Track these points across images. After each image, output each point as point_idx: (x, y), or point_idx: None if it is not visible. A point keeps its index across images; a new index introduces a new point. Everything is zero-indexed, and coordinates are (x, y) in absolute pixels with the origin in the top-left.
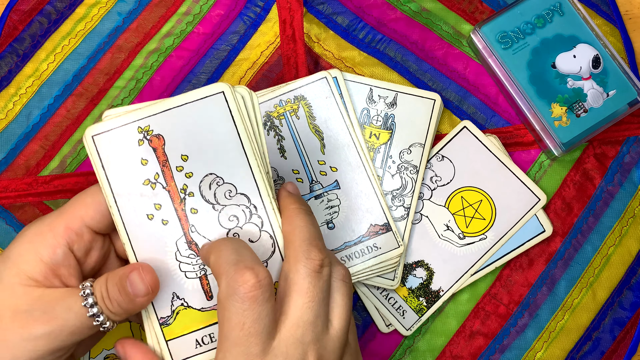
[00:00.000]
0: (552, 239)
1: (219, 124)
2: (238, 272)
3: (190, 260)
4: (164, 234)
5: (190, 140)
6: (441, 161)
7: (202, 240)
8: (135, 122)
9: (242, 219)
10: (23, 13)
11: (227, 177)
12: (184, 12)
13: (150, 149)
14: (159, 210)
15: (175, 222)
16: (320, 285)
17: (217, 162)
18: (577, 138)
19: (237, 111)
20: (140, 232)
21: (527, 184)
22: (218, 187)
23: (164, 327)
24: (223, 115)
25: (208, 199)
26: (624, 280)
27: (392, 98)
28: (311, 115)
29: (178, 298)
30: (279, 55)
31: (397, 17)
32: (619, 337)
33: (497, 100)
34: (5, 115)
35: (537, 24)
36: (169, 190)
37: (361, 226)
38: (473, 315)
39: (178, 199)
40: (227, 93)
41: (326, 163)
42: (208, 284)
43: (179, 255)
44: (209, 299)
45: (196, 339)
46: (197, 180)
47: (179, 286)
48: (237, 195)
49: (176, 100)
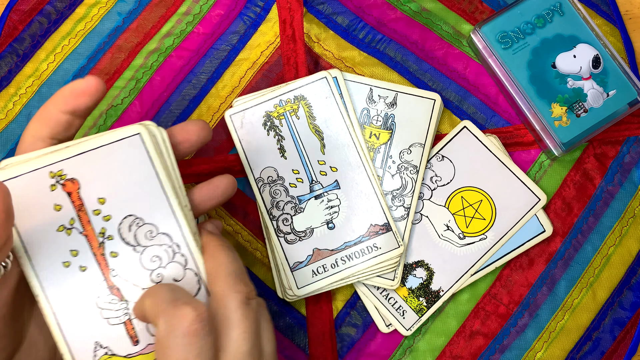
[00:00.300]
0: (552, 239)
1: (137, 165)
2: (177, 308)
3: (112, 306)
4: (82, 281)
5: (107, 183)
6: (441, 161)
7: (124, 284)
8: (46, 166)
9: (165, 258)
10: (23, 13)
11: (147, 218)
12: (184, 12)
13: (64, 193)
14: (76, 257)
15: (95, 268)
16: (252, 316)
17: (136, 203)
18: (577, 138)
19: (154, 151)
20: (56, 281)
21: (527, 184)
22: (138, 228)
23: None
24: (140, 157)
25: (128, 241)
26: (624, 280)
27: (392, 98)
28: (311, 115)
29: (101, 347)
30: (279, 55)
31: (397, 17)
32: (619, 337)
33: (497, 100)
34: (5, 115)
35: (537, 24)
36: (86, 235)
37: (361, 226)
38: (473, 315)
39: (96, 243)
40: (144, 135)
41: (326, 163)
42: (133, 328)
43: (100, 302)
44: (134, 344)
45: None
46: (116, 223)
47: (102, 334)
48: (158, 235)
49: (91, 143)
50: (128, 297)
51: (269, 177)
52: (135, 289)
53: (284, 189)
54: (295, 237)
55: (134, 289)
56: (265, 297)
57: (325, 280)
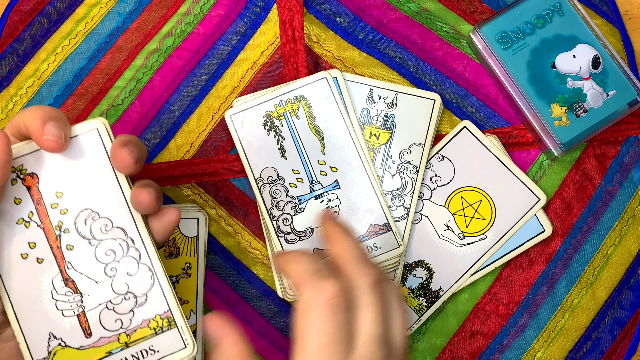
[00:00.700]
0: (551, 239)
1: (94, 160)
2: (321, 280)
3: (67, 298)
4: (39, 272)
5: (64, 177)
6: (441, 161)
7: (78, 277)
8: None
9: (119, 252)
10: (23, 13)
11: (102, 212)
12: (184, 13)
13: (23, 187)
14: (34, 249)
15: (51, 260)
16: (383, 300)
17: (92, 197)
18: (577, 138)
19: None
20: (15, 272)
21: (527, 184)
22: (94, 222)
23: None
24: (97, 152)
25: (84, 234)
26: (624, 280)
27: (392, 98)
28: (311, 115)
29: (55, 338)
30: (279, 55)
31: (397, 17)
32: (618, 337)
33: (497, 100)
34: (6, 116)
35: (536, 24)
36: (44, 228)
37: (361, 226)
38: (473, 315)
39: (53, 236)
40: (101, 129)
41: (326, 163)
42: (86, 321)
43: (55, 293)
44: (87, 336)
45: None
46: (73, 217)
47: (56, 325)
48: (113, 229)
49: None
50: (83, 290)
51: (269, 177)
52: (90, 282)
53: (284, 189)
54: (296, 237)
55: (88, 282)
56: (266, 297)
57: None
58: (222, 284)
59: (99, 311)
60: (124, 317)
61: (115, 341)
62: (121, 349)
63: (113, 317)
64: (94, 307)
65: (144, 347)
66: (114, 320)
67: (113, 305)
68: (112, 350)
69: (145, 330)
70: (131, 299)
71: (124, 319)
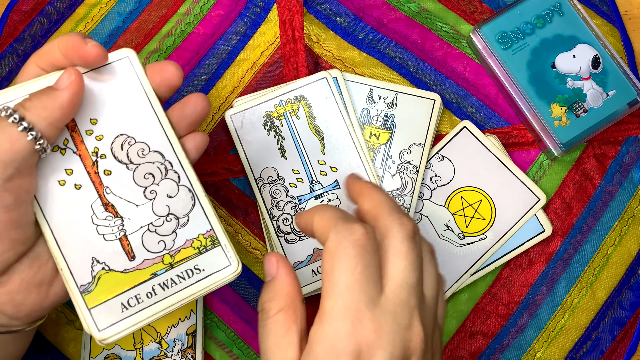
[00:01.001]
0: (551, 239)
1: (127, 87)
2: (347, 223)
3: (107, 223)
4: (77, 198)
5: (98, 104)
6: (441, 161)
7: (118, 201)
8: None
9: (158, 175)
10: (23, 13)
11: (138, 137)
12: (184, 13)
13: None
14: (71, 176)
15: (89, 186)
16: (417, 251)
17: (127, 123)
18: (577, 138)
19: (143, 74)
20: (53, 199)
21: (526, 184)
22: (130, 146)
23: (85, 295)
24: (130, 79)
25: (121, 159)
26: (624, 280)
27: (392, 98)
28: (311, 115)
29: (98, 262)
30: (279, 55)
31: (397, 17)
32: (618, 337)
33: (497, 100)
34: None
35: (536, 24)
36: (80, 155)
37: None
38: (473, 315)
39: (90, 162)
40: (132, 57)
41: (326, 163)
42: (129, 244)
43: (95, 218)
44: (131, 259)
45: (122, 303)
46: (109, 142)
47: (98, 250)
48: (150, 153)
49: (82, 67)
50: (123, 214)
51: (269, 177)
52: (130, 206)
53: (284, 189)
54: (296, 237)
55: (128, 206)
56: None
57: None
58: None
59: (141, 234)
60: (166, 238)
61: (160, 262)
62: (166, 269)
63: (156, 239)
64: (135, 230)
65: (189, 267)
66: (157, 242)
67: (155, 227)
68: (157, 271)
69: (189, 250)
70: (173, 220)
71: (167, 240)
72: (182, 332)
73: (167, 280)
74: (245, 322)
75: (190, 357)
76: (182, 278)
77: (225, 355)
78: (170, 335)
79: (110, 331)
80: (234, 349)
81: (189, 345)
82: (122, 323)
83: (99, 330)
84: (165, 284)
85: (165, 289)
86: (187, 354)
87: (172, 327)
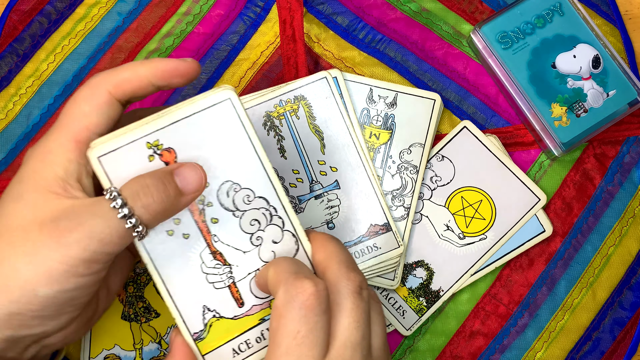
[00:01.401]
0: (552, 239)
1: (229, 131)
2: (298, 280)
3: (216, 271)
4: (186, 248)
5: (202, 151)
6: (441, 161)
7: (225, 249)
8: (142, 137)
9: (263, 221)
10: (23, 13)
11: (243, 183)
12: (184, 12)
13: (162, 163)
14: (179, 225)
15: (197, 235)
16: (363, 307)
17: (232, 169)
18: (577, 138)
19: (245, 115)
20: (163, 250)
21: (527, 184)
22: (236, 193)
23: (198, 342)
24: (232, 122)
25: (227, 206)
26: (624, 280)
27: (392, 98)
28: (311, 115)
29: (209, 310)
30: (279, 55)
31: (397, 17)
32: (619, 337)
33: (497, 100)
34: (5, 116)
35: (537, 24)
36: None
37: (361, 226)
38: (473, 315)
39: (197, 210)
40: (234, 99)
41: (326, 163)
42: (237, 291)
43: (204, 267)
44: (240, 306)
45: (232, 348)
46: (214, 189)
47: (209, 298)
48: (255, 199)
49: (183, 111)
50: (231, 261)
51: None
52: (237, 253)
53: (284, 189)
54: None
55: (235, 253)
56: None
57: None
58: None
59: (248, 280)
60: None
61: (267, 307)
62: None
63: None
64: (243, 277)
65: None
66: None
67: None
68: (265, 316)
69: None
70: None
71: None
72: None
73: None
74: None
75: None
76: None
77: None
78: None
79: None
80: None
81: None
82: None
83: None
84: None
85: None
86: None
87: (172, 327)
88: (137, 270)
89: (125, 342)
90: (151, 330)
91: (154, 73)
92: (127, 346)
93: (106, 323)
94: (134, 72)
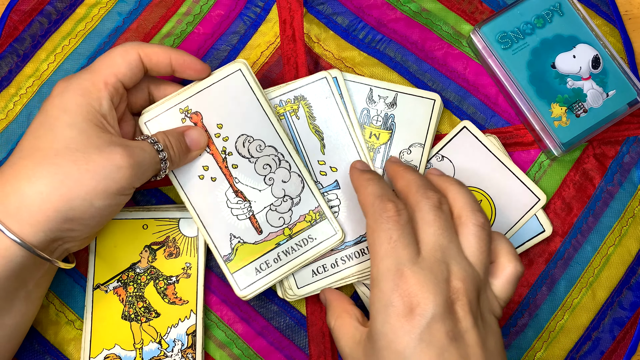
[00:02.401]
0: (551, 238)
1: (242, 94)
2: (382, 202)
3: (239, 206)
4: (214, 188)
5: (221, 111)
6: (441, 161)
7: (245, 188)
8: (176, 105)
9: (274, 165)
10: (23, 13)
11: (255, 135)
12: (184, 13)
13: (192, 124)
14: (207, 171)
15: (222, 178)
16: (445, 217)
17: (246, 125)
18: (577, 138)
19: (254, 82)
20: (196, 191)
21: (526, 184)
22: (250, 144)
23: (227, 263)
24: (244, 87)
25: (244, 154)
26: (624, 280)
27: (392, 98)
28: (311, 115)
29: (235, 237)
30: (279, 55)
31: (397, 17)
32: (618, 337)
33: (497, 100)
34: (6, 116)
35: (536, 24)
36: (212, 154)
37: (361, 226)
38: None
39: (220, 158)
40: (244, 69)
41: (326, 163)
42: (257, 221)
43: (229, 203)
44: (259, 233)
45: (255, 267)
46: (233, 142)
47: (234, 227)
48: (266, 148)
49: (205, 82)
50: (250, 198)
51: None
52: (254, 191)
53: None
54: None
55: (253, 192)
56: (266, 297)
57: (325, 280)
58: (222, 284)
59: (265, 213)
60: (285, 215)
61: (281, 234)
62: (286, 240)
63: (277, 216)
64: (260, 210)
65: (304, 237)
66: (278, 219)
67: (275, 207)
68: (280, 241)
69: (303, 224)
70: (288, 201)
71: (285, 216)
72: (182, 332)
73: (288, 248)
74: (245, 322)
75: (190, 357)
76: (299, 246)
77: (225, 355)
78: (170, 335)
79: (249, 290)
80: (233, 349)
81: (188, 345)
82: (257, 283)
83: (241, 289)
84: (287, 251)
85: (287, 255)
86: (187, 354)
87: (172, 327)
88: (137, 270)
89: (125, 342)
90: (151, 330)
91: (176, 57)
92: (127, 346)
93: (106, 323)
94: (163, 49)
